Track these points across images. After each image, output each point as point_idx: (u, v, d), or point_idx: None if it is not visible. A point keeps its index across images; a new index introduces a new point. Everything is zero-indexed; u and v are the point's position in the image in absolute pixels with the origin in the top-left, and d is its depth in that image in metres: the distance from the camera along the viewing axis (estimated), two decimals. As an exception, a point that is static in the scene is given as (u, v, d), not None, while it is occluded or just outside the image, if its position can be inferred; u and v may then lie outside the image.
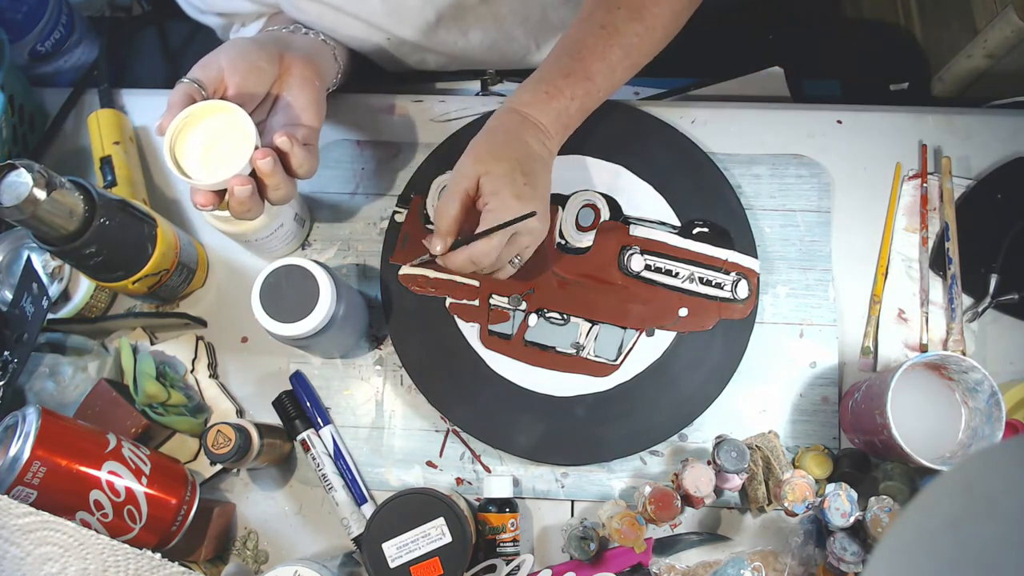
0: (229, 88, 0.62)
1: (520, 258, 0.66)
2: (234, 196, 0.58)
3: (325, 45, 0.75)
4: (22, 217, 0.58)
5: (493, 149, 0.64)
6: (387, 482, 0.73)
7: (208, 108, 0.58)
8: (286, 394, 0.74)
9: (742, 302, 0.74)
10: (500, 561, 0.67)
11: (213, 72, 0.61)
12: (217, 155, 0.57)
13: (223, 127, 0.58)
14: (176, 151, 0.58)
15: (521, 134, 0.66)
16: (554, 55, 0.69)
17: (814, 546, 0.66)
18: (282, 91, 0.66)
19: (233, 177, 0.56)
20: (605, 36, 0.67)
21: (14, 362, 0.67)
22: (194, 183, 0.56)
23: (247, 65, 0.62)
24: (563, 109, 0.67)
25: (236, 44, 0.64)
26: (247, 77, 0.62)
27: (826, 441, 0.72)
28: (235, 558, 0.72)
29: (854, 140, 0.80)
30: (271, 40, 0.68)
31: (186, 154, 0.58)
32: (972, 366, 0.63)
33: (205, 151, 0.58)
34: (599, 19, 0.68)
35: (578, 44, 0.68)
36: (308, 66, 0.67)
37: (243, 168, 0.56)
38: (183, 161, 0.58)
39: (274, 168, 0.58)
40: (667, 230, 0.76)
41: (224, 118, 0.58)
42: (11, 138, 0.77)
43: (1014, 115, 0.81)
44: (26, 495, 0.57)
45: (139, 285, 0.70)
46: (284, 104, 0.65)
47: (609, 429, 0.72)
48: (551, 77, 0.67)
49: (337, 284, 0.65)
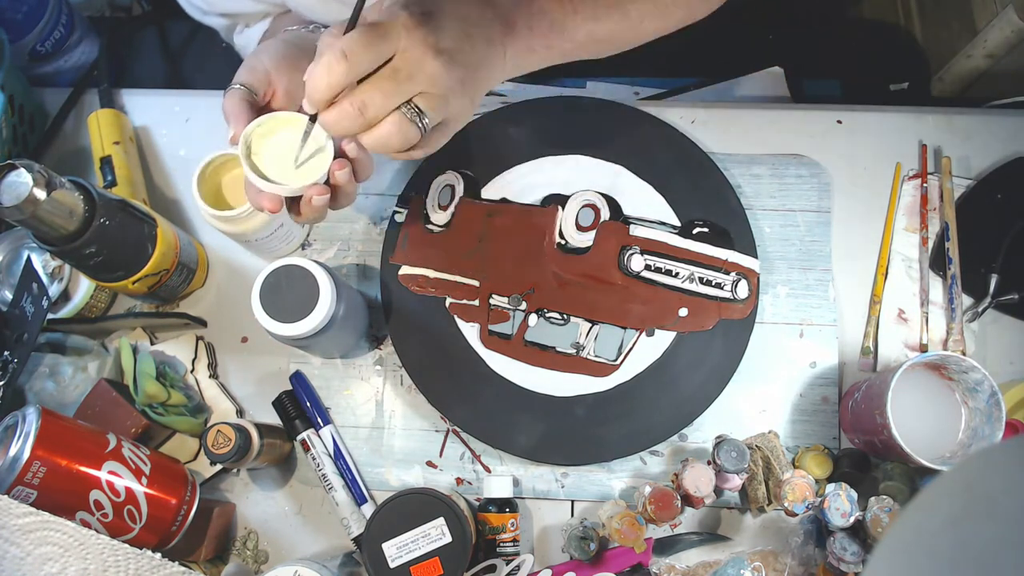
0: (278, 89, 0.61)
1: (425, 117, 0.51)
2: (311, 204, 0.57)
3: None
4: (22, 217, 0.58)
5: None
6: (387, 482, 0.73)
7: (281, 120, 0.57)
8: (286, 394, 0.74)
9: (742, 302, 0.74)
10: (500, 561, 0.68)
11: (261, 75, 0.61)
12: (291, 163, 0.57)
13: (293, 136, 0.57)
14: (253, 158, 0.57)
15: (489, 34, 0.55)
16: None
17: (814, 546, 0.66)
18: None
19: (311, 186, 0.56)
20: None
21: (14, 362, 0.67)
22: (274, 189, 0.56)
23: (292, 66, 0.61)
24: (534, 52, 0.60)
25: (273, 47, 0.63)
26: (293, 77, 0.61)
27: (826, 441, 0.72)
28: (235, 558, 0.72)
29: (854, 140, 0.80)
30: (304, 41, 0.66)
31: (263, 162, 0.58)
32: (972, 366, 0.63)
33: (280, 159, 0.58)
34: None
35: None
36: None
37: (321, 177, 0.56)
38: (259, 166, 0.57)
39: (350, 177, 0.57)
40: (667, 230, 0.76)
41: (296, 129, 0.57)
42: (11, 138, 0.77)
43: (1014, 115, 0.81)
44: (26, 495, 0.57)
45: (139, 285, 0.70)
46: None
47: (609, 429, 0.72)
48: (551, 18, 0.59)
49: (337, 284, 0.65)
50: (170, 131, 0.83)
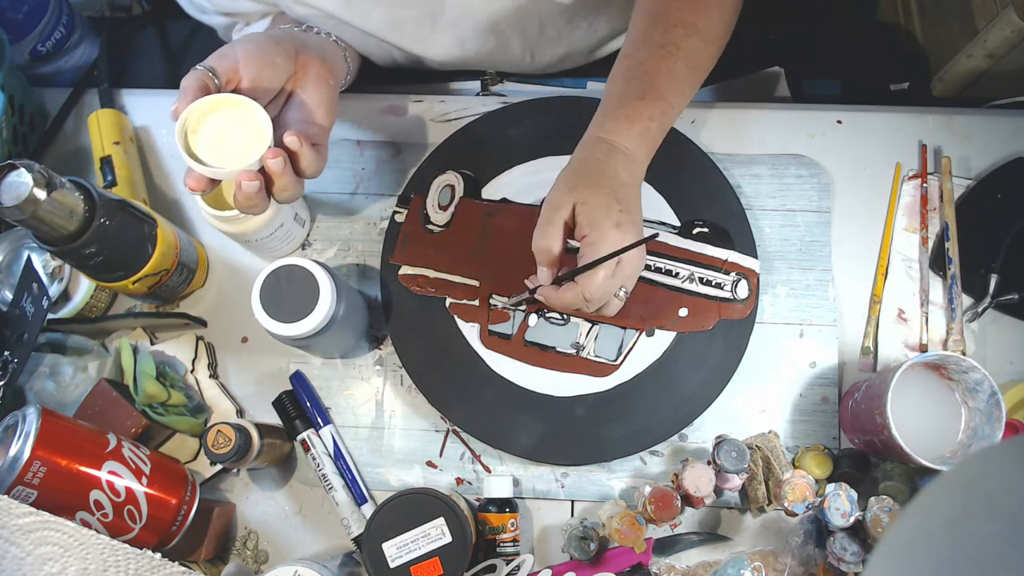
0: (243, 80, 0.61)
1: (625, 290, 0.63)
2: (241, 190, 0.57)
3: (337, 46, 0.75)
4: (22, 217, 0.58)
5: (585, 178, 0.62)
6: (387, 482, 0.73)
7: (226, 100, 0.58)
8: (286, 394, 0.74)
9: (742, 302, 0.74)
10: (500, 561, 0.68)
11: (229, 63, 0.61)
12: (228, 147, 0.57)
13: (238, 120, 0.58)
14: (188, 137, 0.58)
15: (611, 162, 0.63)
16: (621, 79, 0.67)
17: (814, 546, 0.66)
18: (296, 88, 0.66)
19: (242, 171, 0.56)
20: (667, 55, 0.66)
21: (14, 362, 0.67)
22: (203, 170, 0.56)
23: (263, 59, 0.62)
24: (645, 131, 0.65)
25: (253, 38, 0.64)
26: (262, 71, 0.62)
27: (826, 441, 0.72)
28: (235, 558, 0.72)
29: (854, 140, 0.80)
30: (287, 37, 0.67)
31: (198, 141, 0.58)
32: (972, 366, 0.63)
33: (217, 141, 0.58)
34: (657, 39, 0.67)
35: (644, 66, 0.66)
36: (323, 65, 0.67)
37: (252, 163, 0.56)
38: (195, 147, 0.58)
39: (284, 168, 0.58)
40: (667, 230, 0.76)
41: (241, 112, 0.58)
42: (11, 138, 0.77)
43: (1014, 115, 0.81)
44: (26, 495, 0.57)
45: (139, 285, 0.70)
46: (298, 101, 0.65)
47: (609, 429, 0.72)
48: (627, 101, 0.66)
49: (337, 284, 0.65)
50: (170, 131, 0.83)
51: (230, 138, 0.57)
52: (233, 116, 0.58)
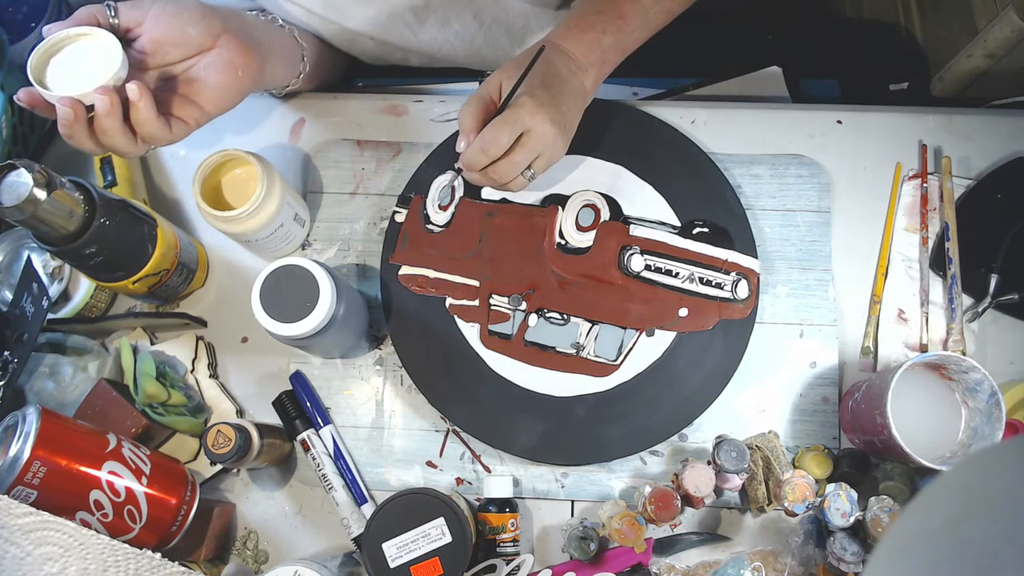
0: (142, 36, 0.59)
1: (533, 171, 0.67)
2: (58, 117, 0.56)
3: (293, 43, 0.74)
4: (22, 217, 0.58)
5: (519, 62, 0.67)
6: (387, 482, 0.73)
7: (83, 34, 0.57)
8: (286, 394, 0.74)
9: (742, 302, 0.74)
10: (500, 561, 0.68)
11: (137, 13, 0.59)
12: (74, 76, 0.56)
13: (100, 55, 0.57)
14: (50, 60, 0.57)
15: (550, 57, 0.67)
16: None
17: (814, 546, 0.66)
18: (198, 63, 0.62)
19: (63, 97, 0.55)
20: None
21: (14, 362, 0.67)
22: (48, 96, 0.55)
23: (173, 25, 0.60)
24: (594, 40, 0.69)
25: (183, 2, 0.61)
26: (168, 35, 0.60)
27: (826, 441, 0.72)
28: (235, 558, 0.72)
29: (854, 140, 0.80)
30: (224, 15, 0.64)
31: (52, 72, 0.57)
32: (972, 366, 0.63)
33: (69, 68, 0.57)
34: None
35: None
36: (244, 54, 0.63)
37: (78, 92, 0.55)
38: (51, 69, 0.57)
39: (108, 110, 0.55)
40: (667, 230, 0.76)
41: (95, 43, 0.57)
42: (11, 138, 0.77)
43: (1014, 115, 0.81)
44: (26, 495, 0.57)
45: (139, 285, 0.70)
46: (192, 76, 0.62)
47: (609, 429, 0.72)
48: (582, 14, 0.70)
49: (337, 284, 0.65)
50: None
51: (81, 70, 0.56)
52: (87, 46, 0.57)
